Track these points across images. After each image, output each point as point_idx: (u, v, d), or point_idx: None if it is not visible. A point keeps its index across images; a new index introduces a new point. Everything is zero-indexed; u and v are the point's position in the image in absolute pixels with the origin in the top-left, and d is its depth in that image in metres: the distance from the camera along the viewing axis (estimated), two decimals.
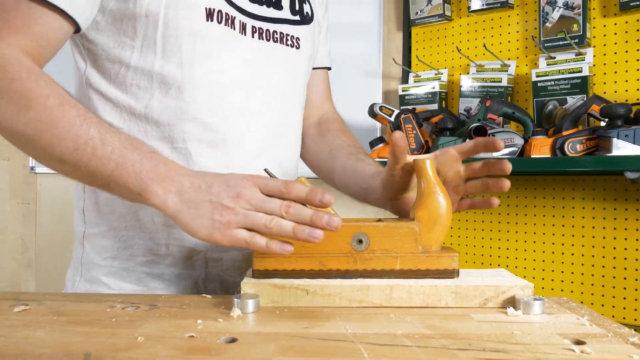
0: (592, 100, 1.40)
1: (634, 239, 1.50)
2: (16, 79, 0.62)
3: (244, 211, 0.59)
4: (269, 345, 0.47)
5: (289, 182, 0.60)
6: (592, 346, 0.48)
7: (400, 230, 0.65)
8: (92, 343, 0.49)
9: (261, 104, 0.80)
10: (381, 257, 0.65)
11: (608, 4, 1.56)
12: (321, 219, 0.57)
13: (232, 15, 0.76)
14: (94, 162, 0.62)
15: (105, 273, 0.79)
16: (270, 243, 0.58)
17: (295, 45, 0.85)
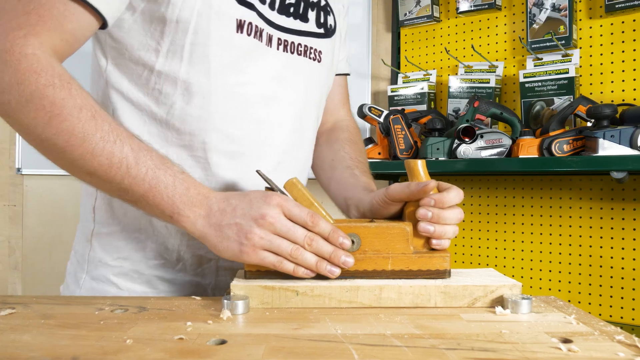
0: (579, 101, 1.42)
1: (620, 237, 1.52)
2: (49, 85, 0.61)
3: (269, 236, 0.61)
4: (259, 347, 0.47)
5: (314, 214, 0.63)
6: (579, 344, 0.48)
7: (392, 230, 0.65)
8: (80, 346, 0.48)
9: (280, 117, 0.80)
10: (373, 258, 0.65)
11: (594, 6, 1.57)
12: (339, 258, 0.63)
13: (261, 27, 0.75)
14: (128, 181, 0.63)
15: (115, 273, 0.79)
16: (297, 269, 0.63)
17: (317, 59, 0.84)
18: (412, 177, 0.69)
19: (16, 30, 0.61)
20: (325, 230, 0.63)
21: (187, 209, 0.64)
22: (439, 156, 1.57)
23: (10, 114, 0.62)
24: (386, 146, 1.74)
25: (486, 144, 1.51)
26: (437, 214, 0.66)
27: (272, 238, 0.61)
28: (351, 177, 0.87)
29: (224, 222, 0.63)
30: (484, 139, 1.52)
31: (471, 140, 1.51)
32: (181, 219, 0.64)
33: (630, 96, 1.51)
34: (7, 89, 0.60)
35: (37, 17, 0.62)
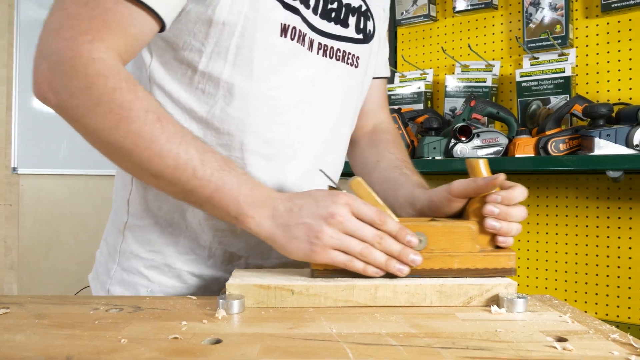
0: (575, 100, 1.42)
1: (616, 236, 1.52)
2: (117, 89, 0.61)
3: (338, 235, 0.62)
4: (254, 346, 0.47)
5: (382, 213, 0.63)
6: (574, 343, 0.48)
7: (458, 229, 0.65)
8: (74, 346, 0.48)
9: (316, 121, 0.80)
10: (439, 257, 0.65)
11: (590, 6, 1.58)
12: (407, 256, 0.63)
13: (304, 32, 0.75)
14: (194, 182, 0.63)
15: (147, 266, 0.79)
16: (367, 268, 0.63)
17: (354, 64, 0.84)
18: (474, 176, 0.68)
19: (83, 35, 0.61)
20: (393, 229, 0.63)
21: (252, 210, 0.64)
22: (435, 155, 1.57)
23: (78, 118, 0.63)
24: None
25: (482, 143, 1.52)
26: (504, 211, 0.65)
27: (342, 237, 0.62)
28: (402, 176, 0.86)
29: (292, 222, 0.63)
30: (480, 138, 1.52)
31: (468, 139, 1.51)
32: (246, 219, 0.64)
33: (626, 95, 1.51)
34: (75, 93, 0.61)
35: (102, 22, 0.62)
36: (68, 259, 2.54)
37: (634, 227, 1.49)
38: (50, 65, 0.61)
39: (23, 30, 2.56)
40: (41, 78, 0.62)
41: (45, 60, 0.62)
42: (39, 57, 0.63)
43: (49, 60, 0.62)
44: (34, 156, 2.56)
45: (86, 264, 2.76)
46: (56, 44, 0.61)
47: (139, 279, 0.79)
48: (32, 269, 2.58)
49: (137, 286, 0.79)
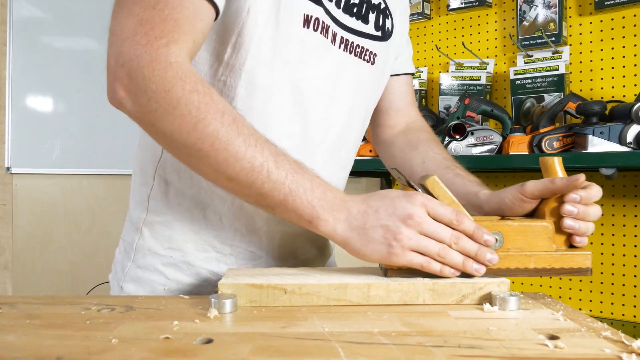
0: (569, 98, 1.42)
1: (610, 234, 1.53)
2: (194, 91, 0.62)
3: (417, 236, 0.61)
4: (245, 346, 0.47)
5: (459, 213, 0.63)
6: (565, 341, 0.48)
7: (535, 229, 0.65)
8: (65, 346, 0.48)
9: (332, 116, 0.80)
10: (515, 256, 0.65)
11: (584, 3, 1.58)
12: (484, 255, 0.63)
13: (327, 24, 0.75)
14: (268, 185, 0.63)
15: (164, 263, 0.78)
16: (444, 269, 0.63)
17: (371, 61, 0.84)
18: (548, 174, 0.68)
19: (159, 39, 0.62)
20: (469, 229, 0.63)
21: (327, 213, 0.63)
22: None
23: (155, 122, 0.63)
24: None
25: (477, 141, 1.52)
26: (583, 211, 0.65)
27: (420, 239, 0.62)
28: (456, 177, 0.85)
29: (368, 224, 0.63)
30: (474, 136, 1.52)
31: (462, 137, 1.51)
32: (320, 223, 0.64)
33: (619, 93, 1.52)
34: (154, 97, 0.62)
35: (173, 22, 0.63)
36: (62, 259, 2.53)
37: (628, 224, 1.50)
38: (129, 72, 0.62)
39: (16, 29, 2.54)
40: (119, 84, 0.63)
41: (123, 67, 0.62)
42: (116, 64, 0.63)
43: (128, 67, 0.62)
44: (28, 156, 2.55)
45: (80, 263, 2.76)
46: (134, 50, 0.62)
47: (157, 277, 0.78)
48: (26, 268, 2.57)
49: (153, 284, 0.78)
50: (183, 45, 0.64)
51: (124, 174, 2.49)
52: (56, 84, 2.54)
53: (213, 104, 0.62)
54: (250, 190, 0.64)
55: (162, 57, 0.62)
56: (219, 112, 0.62)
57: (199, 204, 0.77)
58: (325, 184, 0.65)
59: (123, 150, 2.25)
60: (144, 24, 0.63)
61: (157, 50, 0.62)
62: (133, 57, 0.62)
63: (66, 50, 2.56)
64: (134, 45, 0.62)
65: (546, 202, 0.68)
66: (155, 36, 0.62)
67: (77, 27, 2.52)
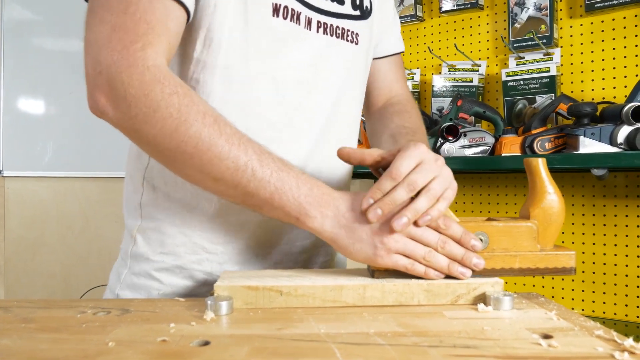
0: (560, 100, 1.44)
1: (602, 234, 1.54)
2: (173, 94, 0.62)
3: (403, 239, 0.62)
4: (242, 348, 0.47)
5: (446, 217, 0.63)
6: (559, 340, 0.49)
7: (520, 229, 0.66)
8: (61, 350, 0.48)
9: (316, 102, 0.79)
10: (500, 256, 0.65)
11: (574, 6, 1.59)
12: (470, 260, 0.63)
13: (298, 10, 0.75)
14: (254, 184, 0.63)
15: (157, 268, 0.78)
16: (429, 271, 0.63)
17: (354, 41, 0.83)
18: (533, 174, 0.69)
19: (134, 43, 0.62)
20: (457, 233, 0.64)
21: (314, 210, 0.63)
22: None
23: (137, 127, 0.63)
24: None
25: (469, 143, 1.53)
26: None
27: (406, 242, 0.62)
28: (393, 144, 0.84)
29: (356, 224, 0.63)
30: (467, 138, 1.53)
31: (455, 138, 1.52)
32: (308, 219, 0.64)
33: (610, 94, 1.53)
34: (134, 102, 0.62)
35: (145, 25, 0.63)
36: (54, 261, 2.52)
37: (619, 224, 1.51)
38: (107, 79, 0.62)
39: (8, 31, 2.53)
40: (99, 93, 0.63)
41: (101, 75, 0.62)
42: (94, 72, 0.63)
43: (106, 74, 0.62)
44: (20, 158, 2.53)
45: (72, 266, 2.74)
46: (111, 57, 0.62)
47: (151, 282, 0.78)
48: (19, 271, 2.56)
49: (149, 289, 0.78)
50: (159, 48, 0.64)
51: (117, 176, 2.48)
52: (48, 86, 2.53)
53: (194, 105, 0.62)
54: (237, 190, 0.64)
55: (139, 62, 0.62)
56: (200, 113, 0.62)
57: (186, 206, 0.77)
58: (312, 181, 0.65)
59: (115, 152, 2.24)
60: (117, 29, 0.63)
61: (134, 55, 0.62)
62: (110, 63, 0.62)
63: (58, 52, 2.54)
64: (110, 51, 0.62)
65: (532, 202, 0.69)
66: (130, 41, 0.62)
67: (69, 29, 2.51)
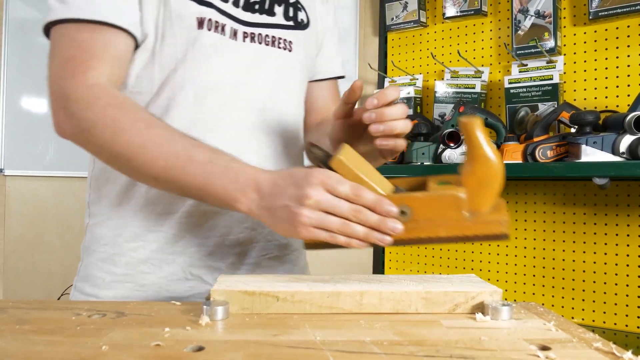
0: (563, 107, 1.43)
1: (603, 243, 1.53)
2: (109, 105, 0.71)
3: (316, 214, 0.64)
4: (237, 354, 0.47)
5: (356, 187, 0.64)
6: (557, 351, 0.48)
7: (443, 200, 0.63)
8: (55, 352, 0.47)
9: (246, 103, 0.85)
10: (425, 226, 0.64)
11: (578, 14, 1.59)
12: (387, 225, 0.64)
13: (223, 22, 0.83)
14: (184, 178, 0.70)
15: (100, 259, 0.85)
16: (350, 241, 0.65)
17: (287, 48, 0.91)
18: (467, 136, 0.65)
19: (79, 69, 0.74)
20: (369, 201, 0.64)
21: (241, 195, 0.68)
22: (424, 161, 1.57)
23: (86, 139, 0.74)
24: None
25: None
26: (381, 112, 0.70)
27: (320, 216, 0.63)
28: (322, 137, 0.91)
29: (274, 204, 0.66)
30: None
31: (456, 145, 1.52)
32: (236, 205, 0.68)
33: (612, 103, 1.53)
34: (80, 117, 0.72)
35: (88, 53, 0.75)
36: (53, 260, 2.51)
37: (620, 233, 1.51)
38: (63, 104, 0.73)
39: (12, 30, 2.53)
40: (58, 117, 0.75)
41: (58, 101, 0.74)
42: (53, 100, 0.75)
43: (61, 100, 0.74)
44: (21, 157, 2.53)
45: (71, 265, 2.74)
46: (64, 84, 0.74)
47: (97, 272, 0.85)
48: (18, 270, 2.55)
49: (95, 279, 0.85)
50: (101, 70, 0.74)
51: None
52: None
53: (128, 114, 0.71)
54: (174, 185, 0.71)
55: (82, 83, 0.73)
56: (131, 121, 0.71)
57: (121, 200, 0.84)
58: (240, 168, 0.69)
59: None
60: (67, 61, 0.75)
61: (79, 78, 0.73)
62: (63, 88, 0.74)
63: None
64: (63, 80, 0.74)
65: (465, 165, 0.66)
66: (76, 68, 0.74)
67: None
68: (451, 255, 1.83)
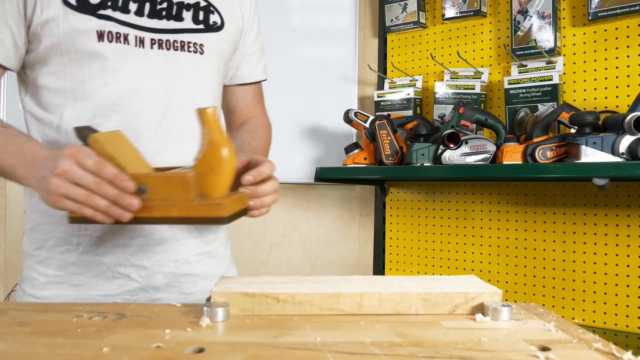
0: (562, 108, 1.43)
1: (603, 243, 1.53)
2: None
3: (65, 184, 0.69)
4: (237, 355, 0.47)
5: (101, 162, 0.69)
6: (557, 352, 0.48)
7: (173, 179, 0.68)
8: (56, 354, 0.48)
9: (159, 107, 0.90)
10: (160, 205, 0.68)
11: (577, 14, 1.59)
12: (124, 200, 0.68)
13: (125, 32, 0.88)
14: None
15: (36, 261, 0.92)
16: (95, 214, 0.70)
17: (198, 51, 0.95)
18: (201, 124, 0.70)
19: None
20: (109, 175, 0.68)
21: (24, 171, 0.77)
22: (424, 162, 1.58)
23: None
24: (372, 151, 1.75)
25: (471, 150, 1.52)
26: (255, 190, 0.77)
27: (68, 186, 0.69)
28: None
29: (39, 175, 0.73)
30: (468, 145, 1.52)
31: (456, 146, 1.52)
32: (22, 181, 0.79)
33: (612, 103, 1.53)
34: None
35: None
36: None
37: (620, 234, 1.51)
38: None
39: None
40: None
41: None
42: None
43: None
44: None
45: None
46: None
47: (32, 273, 0.92)
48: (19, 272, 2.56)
49: (32, 280, 0.91)
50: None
51: None
52: None
53: None
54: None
55: None
56: None
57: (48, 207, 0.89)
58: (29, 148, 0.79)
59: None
60: None
61: None
62: None
63: None
64: None
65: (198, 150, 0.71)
66: None
67: None
68: (451, 255, 1.83)
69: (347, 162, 1.78)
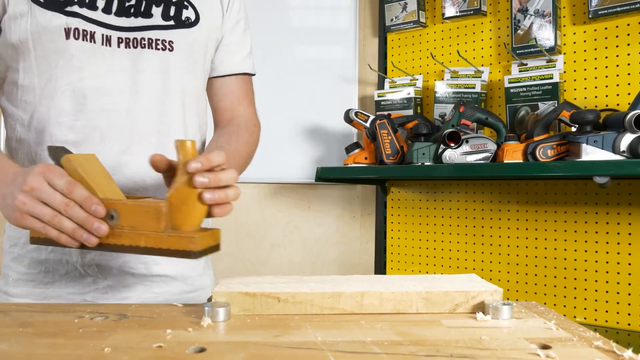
0: (563, 107, 1.43)
1: (604, 241, 1.53)
2: None
3: (32, 202, 0.66)
4: (238, 355, 0.47)
5: (72, 183, 0.67)
6: (557, 350, 0.48)
7: (145, 208, 0.66)
8: (57, 355, 0.48)
9: (124, 106, 0.88)
10: (129, 234, 0.66)
11: (578, 12, 1.59)
12: (92, 224, 0.66)
13: (92, 30, 0.86)
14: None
15: (11, 258, 0.92)
16: (60, 236, 0.67)
17: (167, 48, 0.92)
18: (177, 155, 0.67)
19: None
20: (79, 197, 0.66)
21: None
22: (424, 161, 1.58)
23: None
24: (373, 151, 1.75)
25: (471, 149, 1.52)
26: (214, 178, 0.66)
27: (34, 204, 0.66)
28: None
29: (4, 191, 0.71)
30: (469, 144, 1.52)
31: (457, 145, 1.52)
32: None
33: (613, 101, 1.52)
34: None
35: None
36: None
37: (621, 232, 1.51)
38: None
39: None
40: None
41: None
42: None
43: None
44: None
45: None
46: None
47: (8, 271, 0.92)
48: None
49: (8, 277, 0.92)
50: None
51: None
52: None
53: None
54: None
55: None
56: None
57: None
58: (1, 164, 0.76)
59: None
60: None
61: None
62: None
63: None
64: None
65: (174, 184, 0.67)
66: None
67: None
68: (452, 254, 1.83)
69: (347, 161, 1.78)
